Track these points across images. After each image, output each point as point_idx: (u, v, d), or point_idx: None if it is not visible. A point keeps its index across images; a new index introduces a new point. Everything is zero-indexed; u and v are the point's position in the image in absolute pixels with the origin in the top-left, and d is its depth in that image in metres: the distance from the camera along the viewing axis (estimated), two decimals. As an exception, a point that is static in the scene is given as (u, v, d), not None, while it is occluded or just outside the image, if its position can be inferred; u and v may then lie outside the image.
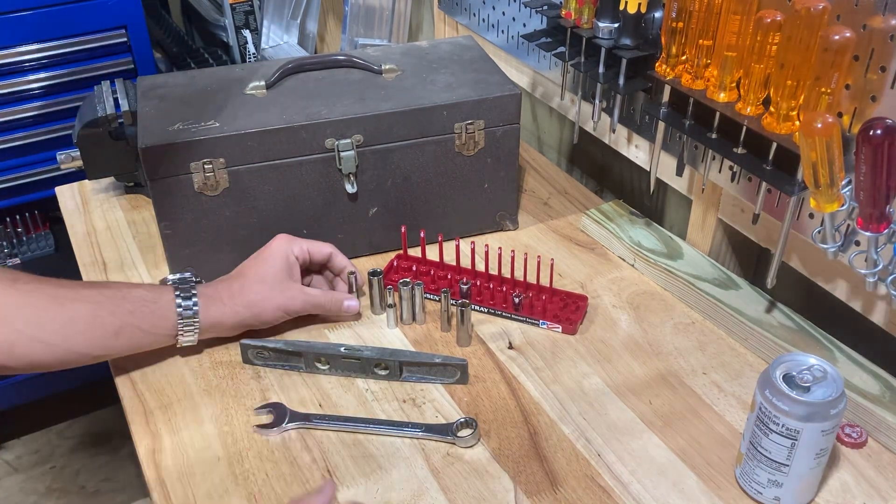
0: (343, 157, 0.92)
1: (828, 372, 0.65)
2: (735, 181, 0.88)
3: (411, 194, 0.98)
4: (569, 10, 0.96)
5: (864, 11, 0.69)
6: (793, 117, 0.74)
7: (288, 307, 0.85)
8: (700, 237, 0.98)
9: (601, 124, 1.05)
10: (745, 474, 0.70)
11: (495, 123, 0.97)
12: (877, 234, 0.69)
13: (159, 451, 0.75)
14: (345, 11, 1.45)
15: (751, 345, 0.86)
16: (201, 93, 0.97)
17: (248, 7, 1.77)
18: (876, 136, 0.63)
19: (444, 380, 0.82)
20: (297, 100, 0.95)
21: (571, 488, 0.71)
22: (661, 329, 0.89)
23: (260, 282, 0.84)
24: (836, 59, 0.69)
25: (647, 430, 0.77)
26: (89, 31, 1.57)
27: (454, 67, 1.02)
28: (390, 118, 0.93)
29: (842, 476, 0.72)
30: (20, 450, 1.93)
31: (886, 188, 0.66)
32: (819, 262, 0.82)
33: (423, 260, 0.96)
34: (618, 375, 0.83)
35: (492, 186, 1.01)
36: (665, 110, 0.88)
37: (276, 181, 0.92)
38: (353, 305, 0.89)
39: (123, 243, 1.04)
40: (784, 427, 0.64)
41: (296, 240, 0.88)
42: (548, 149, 1.32)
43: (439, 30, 1.40)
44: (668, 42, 0.83)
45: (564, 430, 0.77)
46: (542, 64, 1.14)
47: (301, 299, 0.86)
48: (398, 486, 0.71)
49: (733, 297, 0.89)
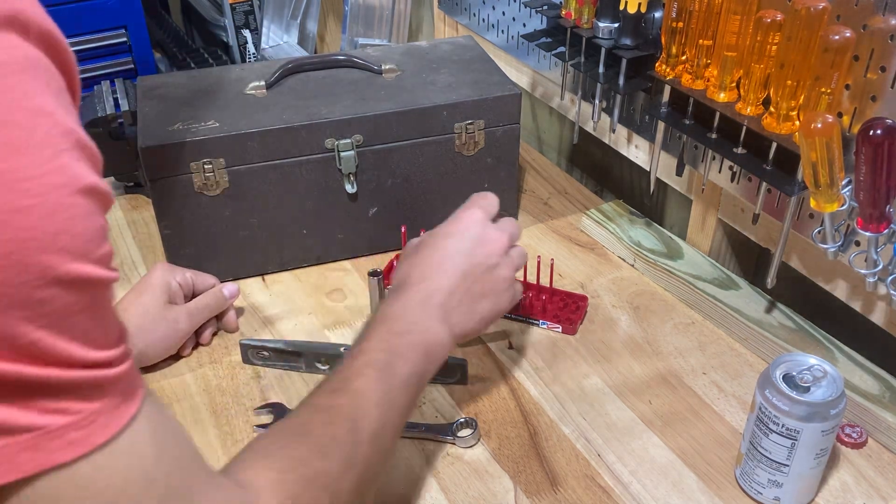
0: (343, 157, 0.92)
1: (828, 372, 0.65)
2: (735, 181, 0.88)
3: (411, 194, 0.98)
4: (569, 10, 0.96)
5: (864, 11, 0.69)
6: (793, 117, 0.74)
7: (176, 329, 0.82)
8: (700, 237, 0.98)
9: (601, 124, 1.05)
10: (745, 474, 0.70)
11: (495, 123, 0.97)
12: (877, 234, 0.69)
13: (159, 451, 0.75)
14: (345, 11, 1.45)
15: (751, 345, 0.86)
16: (201, 93, 0.97)
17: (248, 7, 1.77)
18: (876, 136, 0.63)
19: (443, 380, 0.82)
20: (297, 100, 0.95)
21: (571, 488, 0.71)
22: (661, 329, 0.89)
23: (142, 315, 0.80)
24: (836, 59, 0.69)
25: (647, 430, 0.77)
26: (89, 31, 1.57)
27: (454, 67, 1.02)
28: (390, 118, 0.93)
29: (842, 476, 0.72)
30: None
31: (886, 188, 0.66)
32: (819, 262, 0.82)
33: (423, 260, 0.95)
34: (618, 375, 0.83)
35: (492, 186, 1.01)
36: (665, 110, 0.88)
37: (276, 181, 0.92)
38: (233, 289, 0.87)
39: (123, 243, 1.04)
40: (784, 427, 0.64)
41: (177, 269, 0.85)
42: (548, 149, 1.32)
43: (439, 30, 1.40)
44: (668, 42, 0.83)
45: (564, 430, 0.77)
46: (542, 64, 1.14)
47: (185, 315, 0.82)
48: (398, 486, 0.71)
49: (733, 297, 0.89)
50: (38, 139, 0.34)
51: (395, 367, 0.61)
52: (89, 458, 0.37)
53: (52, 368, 0.35)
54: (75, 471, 0.36)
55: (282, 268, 0.98)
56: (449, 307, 0.67)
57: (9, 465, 0.34)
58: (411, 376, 0.62)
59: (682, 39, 0.82)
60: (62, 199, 0.35)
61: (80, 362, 0.36)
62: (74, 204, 0.36)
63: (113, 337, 0.39)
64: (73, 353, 0.36)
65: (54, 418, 0.35)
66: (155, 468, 0.41)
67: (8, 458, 0.34)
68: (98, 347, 0.37)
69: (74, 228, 0.35)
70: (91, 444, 0.37)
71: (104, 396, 0.38)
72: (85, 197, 0.36)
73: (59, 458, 0.36)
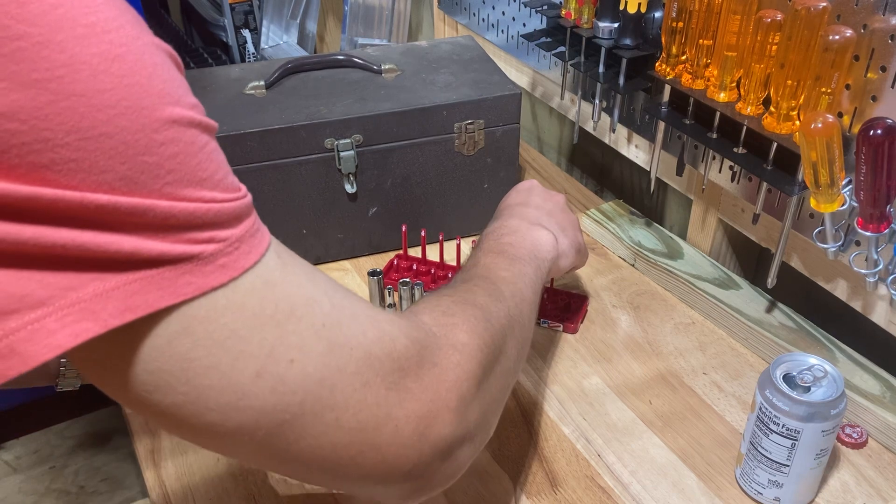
0: (343, 157, 0.92)
1: (828, 372, 0.65)
2: (735, 181, 0.88)
3: (411, 194, 0.98)
4: (569, 10, 0.96)
5: (865, 11, 0.68)
6: (793, 117, 0.74)
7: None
8: (700, 237, 0.98)
9: (601, 124, 1.05)
10: (745, 475, 0.70)
11: (495, 123, 0.97)
12: (877, 234, 0.69)
13: (159, 452, 0.75)
14: (344, 11, 1.45)
15: (751, 345, 0.86)
16: (201, 93, 0.96)
17: (248, 7, 1.77)
18: (876, 136, 0.63)
19: (443, 380, 0.82)
20: (297, 100, 0.95)
21: (571, 489, 0.71)
22: (662, 329, 0.89)
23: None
24: (837, 58, 0.69)
25: (647, 431, 0.77)
26: (89, 30, 1.57)
27: (454, 67, 1.02)
28: (390, 118, 0.93)
29: (842, 476, 0.72)
30: (19, 450, 1.93)
31: (887, 188, 0.66)
32: (819, 262, 0.82)
33: (424, 260, 0.95)
34: (618, 375, 0.83)
35: (492, 186, 1.01)
36: (665, 110, 0.88)
37: (276, 181, 0.92)
38: None
39: (123, 243, 1.04)
40: (784, 427, 0.64)
41: None
42: (548, 149, 1.32)
43: (439, 30, 1.40)
44: (669, 42, 0.83)
45: (564, 430, 0.77)
46: (542, 64, 1.14)
47: None
48: (398, 487, 0.71)
49: (733, 297, 0.89)
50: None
51: (511, 251, 0.66)
52: (241, 281, 0.38)
53: (190, 202, 0.36)
54: (232, 292, 0.38)
55: (281, 268, 0.98)
56: (542, 222, 0.72)
57: (173, 290, 0.36)
58: (528, 256, 0.66)
59: (682, 39, 0.82)
60: (145, 48, 0.36)
61: (211, 199, 0.37)
62: (156, 53, 0.37)
63: (233, 182, 0.40)
64: (202, 192, 0.37)
65: (204, 246, 0.37)
66: (313, 288, 0.42)
67: (170, 282, 0.36)
68: (224, 188, 0.39)
69: (164, 74, 0.36)
70: (240, 268, 0.38)
71: (241, 223, 0.39)
72: (161, 52, 0.37)
73: (214, 280, 0.37)
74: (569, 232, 0.76)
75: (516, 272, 0.63)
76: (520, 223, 0.71)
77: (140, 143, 0.34)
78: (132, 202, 0.34)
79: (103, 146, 0.33)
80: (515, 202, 0.77)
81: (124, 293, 0.35)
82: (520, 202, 0.76)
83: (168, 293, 0.36)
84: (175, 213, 0.36)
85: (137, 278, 0.35)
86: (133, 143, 0.34)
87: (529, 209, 0.75)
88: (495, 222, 0.73)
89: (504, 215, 0.74)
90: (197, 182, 0.37)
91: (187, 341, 0.37)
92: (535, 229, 0.70)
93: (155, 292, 0.36)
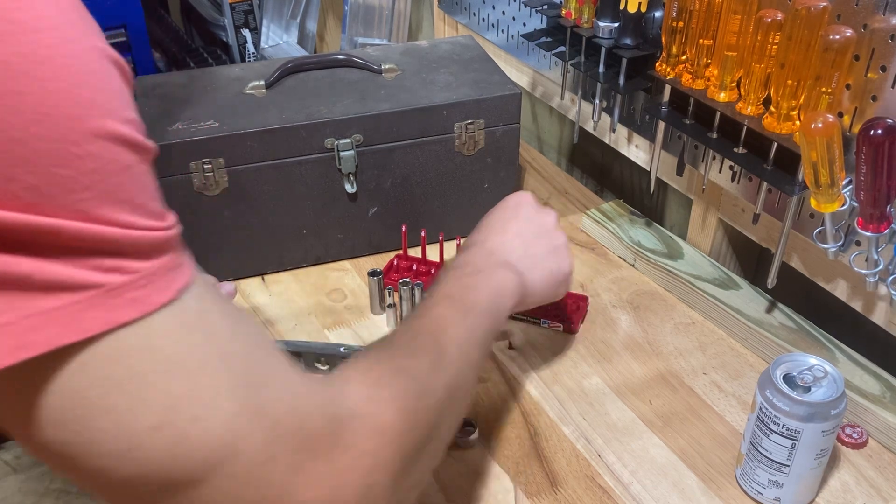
0: (343, 156, 0.92)
1: (828, 372, 0.65)
2: (735, 181, 0.88)
3: (411, 194, 0.98)
4: (569, 10, 0.96)
5: (865, 11, 0.68)
6: (793, 117, 0.74)
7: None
8: (700, 237, 0.98)
9: (601, 124, 1.05)
10: (745, 475, 0.70)
11: (495, 123, 0.97)
12: (877, 234, 0.69)
13: (159, 452, 0.75)
14: (344, 11, 1.45)
15: (751, 345, 0.86)
16: (201, 92, 0.96)
17: (248, 7, 1.77)
18: (876, 136, 0.63)
19: (443, 380, 0.82)
20: (297, 99, 0.95)
21: (571, 489, 0.71)
22: (662, 329, 0.89)
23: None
24: (837, 58, 0.69)
25: (647, 431, 0.77)
26: (89, 30, 1.57)
27: (454, 67, 1.02)
28: (390, 118, 0.93)
29: (842, 476, 0.72)
30: (19, 450, 1.92)
31: (887, 188, 0.66)
32: (819, 262, 0.82)
33: (424, 260, 0.95)
34: (618, 375, 0.83)
35: (492, 186, 1.01)
36: (665, 110, 0.88)
37: (276, 181, 0.92)
38: (230, 289, 0.84)
39: (123, 243, 1.04)
40: (784, 427, 0.64)
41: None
42: (548, 149, 1.32)
43: (439, 29, 1.40)
44: (669, 41, 0.83)
45: (564, 430, 0.77)
46: (542, 63, 1.14)
47: None
48: (398, 487, 0.71)
49: (733, 297, 0.89)
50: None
51: (470, 297, 0.63)
52: (154, 319, 0.35)
53: (102, 226, 0.33)
54: (142, 330, 0.35)
55: (281, 268, 0.98)
56: (512, 258, 0.70)
57: (76, 326, 0.33)
58: (486, 305, 0.63)
59: (682, 39, 0.82)
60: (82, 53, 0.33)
61: (129, 224, 0.35)
62: (96, 59, 0.34)
63: (159, 209, 0.37)
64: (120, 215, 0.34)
65: (112, 276, 0.34)
66: (232, 341, 0.39)
67: (73, 316, 0.33)
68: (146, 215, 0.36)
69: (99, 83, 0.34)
70: (154, 304, 0.35)
71: (160, 256, 0.36)
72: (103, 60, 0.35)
73: (123, 316, 0.34)
74: (547, 263, 0.73)
75: (469, 327, 0.59)
76: (487, 261, 0.68)
77: (54, 153, 0.32)
78: (36, 219, 0.32)
79: (13, 152, 0.31)
80: (499, 219, 0.74)
81: (21, 328, 0.32)
82: (503, 221, 0.74)
83: (71, 329, 0.33)
84: (83, 235, 0.33)
85: (36, 311, 0.32)
86: (46, 152, 0.32)
87: (507, 237, 0.72)
88: (464, 252, 0.70)
89: (476, 243, 0.71)
90: (115, 203, 0.34)
91: (84, 379, 0.34)
92: (499, 272, 0.67)
93: (55, 328, 0.33)
